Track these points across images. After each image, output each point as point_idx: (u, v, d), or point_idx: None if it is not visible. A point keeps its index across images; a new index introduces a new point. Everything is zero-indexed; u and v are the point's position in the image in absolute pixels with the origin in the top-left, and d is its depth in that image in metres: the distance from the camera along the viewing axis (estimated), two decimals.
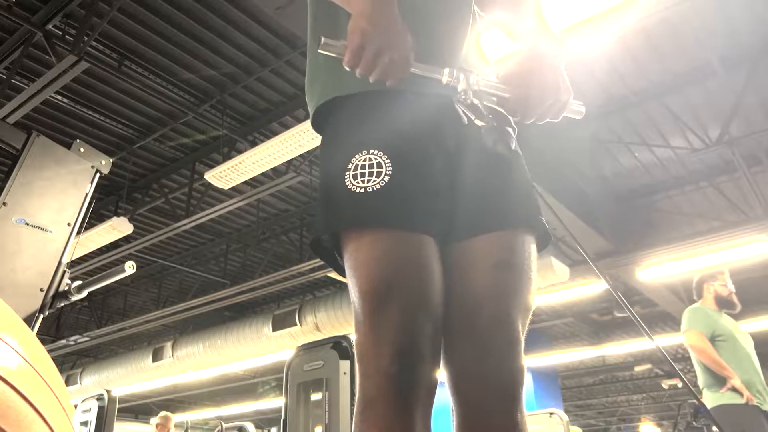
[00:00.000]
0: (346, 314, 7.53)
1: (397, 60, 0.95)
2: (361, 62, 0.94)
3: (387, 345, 0.93)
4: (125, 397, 12.65)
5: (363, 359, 0.96)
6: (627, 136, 5.60)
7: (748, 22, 4.40)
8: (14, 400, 0.49)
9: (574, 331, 10.82)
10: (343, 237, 1.03)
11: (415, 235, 1.00)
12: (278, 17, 3.62)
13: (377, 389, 0.92)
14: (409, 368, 0.92)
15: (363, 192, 1.00)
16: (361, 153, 1.03)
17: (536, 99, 1.01)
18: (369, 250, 0.99)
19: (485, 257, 1.05)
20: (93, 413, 3.88)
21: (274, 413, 13.31)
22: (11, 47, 4.49)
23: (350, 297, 1.01)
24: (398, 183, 1.00)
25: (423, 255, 1.00)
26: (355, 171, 1.02)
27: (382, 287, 0.95)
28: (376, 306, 0.95)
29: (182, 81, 5.06)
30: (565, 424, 4.14)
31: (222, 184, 5.32)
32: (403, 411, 0.91)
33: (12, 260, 2.01)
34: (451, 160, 1.08)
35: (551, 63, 1.03)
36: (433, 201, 1.03)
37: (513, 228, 1.06)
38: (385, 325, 0.94)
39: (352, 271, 1.00)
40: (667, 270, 6.63)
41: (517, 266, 1.04)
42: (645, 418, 15.88)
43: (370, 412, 0.93)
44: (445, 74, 1.01)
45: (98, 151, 2.36)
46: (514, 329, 1.01)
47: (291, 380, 3.33)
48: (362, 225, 1.00)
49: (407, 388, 0.92)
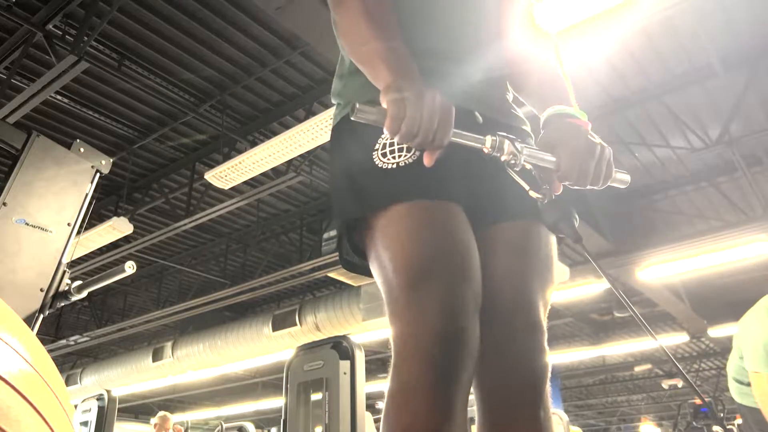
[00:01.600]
0: (346, 314, 7.53)
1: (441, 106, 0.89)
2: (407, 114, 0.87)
3: (429, 324, 0.86)
4: (125, 397, 12.64)
5: (399, 339, 0.89)
6: (627, 136, 5.60)
7: (748, 22, 4.40)
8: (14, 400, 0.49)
9: (574, 331, 10.83)
10: (369, 219, 1.00)
11: (453, 204, 0.98)
12: (278, 17, 3.61)
13: (416, 372, 0.85)
14: (453, 351, 0.86)
15: (395, 167, 0.98)
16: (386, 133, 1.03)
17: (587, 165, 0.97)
18: (403, 224, 0.95)
19: (503, 244, 1.04)
20: (93, 413, 3.88)
21: (274, 413, 13.31)
22: (11, 47, 4.49)
23: (380, 279, 0.96)
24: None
25: (462, 226, 0.97)
26: (383, 150, 1.01)
27: (421, 260, 0.91)
28: (415, 281, 0.90)
29: (182, 81, 5.05)
30: (565, 424, 4.15)
31: (222, 184, 5.32)
32: (443, 397, 0.84)
33: (12, 260, 2.01)
34: (470, 150, 1.07)
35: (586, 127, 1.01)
36: (461, 180, 1.03)
37: (530, 217, 1.06)
38: (426, 302, 0.88)
39: (382, 249, 0.96)
40: (667, 270, 6.63)
41: (533, 253, 1.04)
42: (645, 418, 15.87)
43: (405, 396, 0.86)
44: (487, 143, 0.95)
45: (98, 151, 2.35)
46: (536, 314, 1.00)
47: (291, 380, 3.33)
48: (398, 199, 0.97)
49: (449, 372, 0.85)
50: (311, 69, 4.91)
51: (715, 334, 9.23)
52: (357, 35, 1.06)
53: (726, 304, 8.56)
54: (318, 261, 6.67)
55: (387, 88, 0.91)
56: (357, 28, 1.06)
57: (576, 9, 3.50)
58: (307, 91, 5.13)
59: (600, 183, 1.00)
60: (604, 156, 0.99)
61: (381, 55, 1.00)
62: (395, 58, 0.99)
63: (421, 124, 0.87)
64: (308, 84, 5.07)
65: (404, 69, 0.97)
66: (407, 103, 0.88)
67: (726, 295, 8.60)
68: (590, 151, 0.97)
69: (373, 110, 0.90)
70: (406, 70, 0.97)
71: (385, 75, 0.96)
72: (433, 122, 0.88)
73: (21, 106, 4.41)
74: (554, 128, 1.02)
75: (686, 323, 9.20)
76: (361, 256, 1.06)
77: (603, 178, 0.99)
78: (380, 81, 0.97)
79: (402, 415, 0.85)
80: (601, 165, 0.98)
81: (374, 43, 1.01)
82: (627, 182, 1.06)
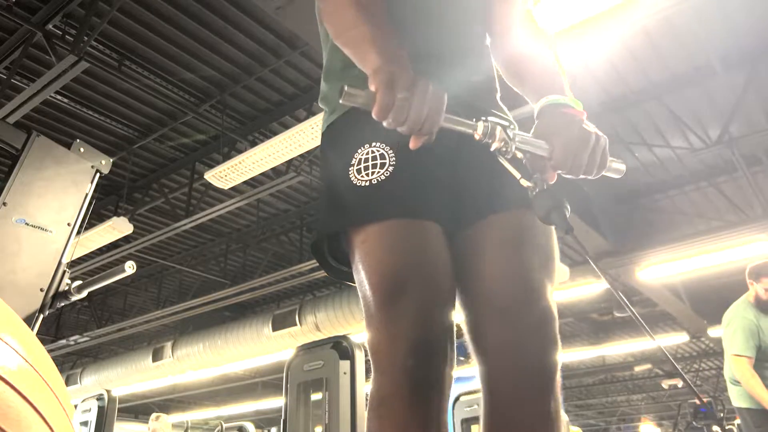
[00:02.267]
0: (346, 314, 7.52)
1: (432, 93, 0.87)
2: (396, 99, 0.85)
3: (401, 339, 0.89)
4: (125, 397, 12.63)
5: (377, 354, 0.93)
6: (627, 136, 5.60)
7: (748, 22, 4.40)
8: (14, 400, 0.49)
9: (574, 331, 10.82)
10: (349, 233, 1.01)
11: (425, 222, 0.98)
12: (278, 17, 3.61)
13: (392, 385, 0.89)
14: (426, 363, 0.89)
15: (368, 185, 0.98)
16: (364, 147, 1.02)
17: (581, 154, 0.96)
18: (378, 242, 0.96)
19: (495, 238, 1.03)
20: (93, 413, 3.88)
21: (274, 413, 13.31)
22: (11, 47, 4.49)
23: (359, 292, 0.98)
24: (403, 172, 0.98)
25: (433, 243, 0.97)
26: (359, 165, 1.01)
27: (394, 279, 0.92)
28: (388, 298, 0.92)
29: (182, 81, 5.05)
30: (565, 424, 4.14)
31: (222, 184, 5.32)
32: (420, 407, 0.88)
33: (12, 260, 2.01)
34: (451, 154, 1.06)
35: (581, 116, 1.00)
36: (438, 191, 1.02)
37: (520, 207, 1.04)
38: (399, 318, 0.90)
39: (360, 264, 0.97)
40: (667, 270, 6.63)
41: (527, 242, 1.03)
42: (645, 418, 15.89)
43: (385, 409, 0.90)
44: (479, 128, 0.93)
45: (98, 151, 2.35)
46: (543, 306, 0.99)
47: (291, 380, 3.33)
48: (370, 218, 0.97)
49: (424, 383, 0.89)
50: (311, 69, 4.90)
51: (715, 334, 9.22)
52: (344, 19, 1.04)
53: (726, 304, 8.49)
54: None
55: (375, 72, 0.88)
56: (344, 12, 1.03)
57: (576, 9, 3.51)
58: (307, 91, 5.13)
59: (594, 172, 0.99)
60: (599, 145, 0.97)
61: (369, 38, 0.97)
62: (384, 42, 0.96)
63: (409, 112, 0.86)
64: (308, 84, 5.07)
65: (394, 53, 0.94)
66: (396, 90, 0.85)
67: (726, 295, 8.55)
68: (584, 139, 0.96)
69: (362, 93, 0.87)
70: (397, 54, 0.94)
71: (374, 58, 0.93)
72: (422, 111, 0.86)
73: (21, 106, 4.41)
74: (548, 117, 1.00)
75: (686, 323, 9.20)
76: (347, 265, 1.06)
77: (597, 167, 0.98)
78: (369, 65, 0.94)
79: (383, 427, 0.89)
80: (595, 154, 0.97)
81: (362, 27, 0.99)
82: (622, 171, 1.05)
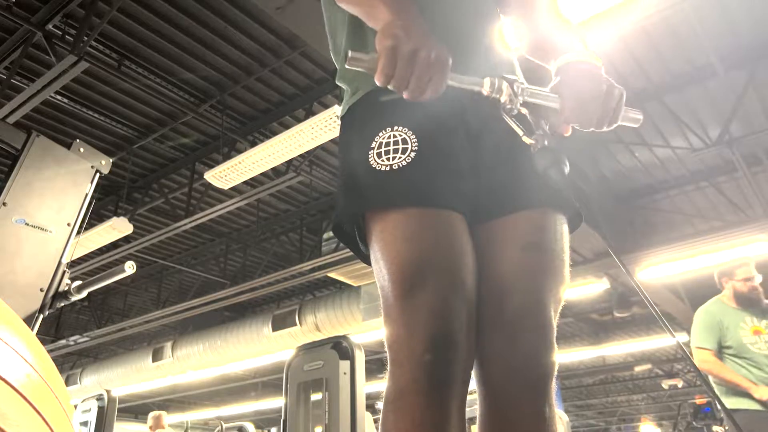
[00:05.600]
0: (345, 314, 7.53)
1: (435, 61, 0.84)
2: (397, 68, 0.83)
3: (420, 331, 0.87)
4: (125, 397, 12.63)
5: (394, 346, 0.90)
6: (627, 136, 5.60)
7: (748, 22, 4.40)
8: (14, 400, 0.49)
9: (573, 331, 10.82)
10: (368, 219, 0.98)
11: (445, 211, 0.95)
12: (278, 17, 3.61)
13: (410, 379, 0.86)
14: (445, 356, 0.86)
15: (389, 170, 0.95)
16: (386, 130, 0.99)
17: (592, 105, 0.94)
18: (397, 230, 0.93)
19: (513, 239, 1.00)
20: (93, 413, 3.87)
21: (274, 413, 13.31)
22: (11, 47, 4.49)
23: (377, 283, 0.96)
24: (425, 158, 0.96)
25: (455, 233, 0.94)
26: (379, 149, 0.98)
27: (413, 269, 0.90)
28: (408, 290, 0.89)
29: (182, 81, 5.05)
30: (565, 424, 4.14)
31: (222, 184, 5.32)
32: (438, 402, 0.86)
33: (12, 260, 2.01)
34: (474, 141, 1.04)
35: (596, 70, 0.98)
36: (459, 179, 0.99)
37: (541, 207, 1.02)
38: (418, 310, 0.88)
39: (379, 253, 0.94)
40: (667, 270, 6.63)
41: (546, 248, 1.00)
42: (645, 418, 15.89)
43: (401, 402, 0.87)
44: (486, 85, 0.92)
45: (98, 151, 2.35)
46: (545, 316, 0.97)
47: (291, 380, 3.33)
48: (389, 204, 0.95)
49: (442, 377, 0.86)
50: (311, 69, 4.91)
51: None
52: None
53: None
54: (318, 261, 6.67)
55: (383, 31, 0.86)
56: None
57: (576, 9, 3.50)
58: (307, 91, 5.13)
59: (607, 123, 0.97)
60: (613, 95, 0.96)
61: None
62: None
63: (410, 79, 0.84)
64: (308, 84, 5.07)
65: (404, 7, 0.91)
66: (399, 55, 0.83)
67: None
68: (594, 90, 0.94)
69: (366, 58, 0.85)
70: (406, 6, 0.91)
71: (384, 14, 0.90)
72: (424, 78, 0.84)
73: (21, 106, 4.41)
74: (562, 74, 0.99)
75: (686, 323, 9.17)
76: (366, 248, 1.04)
77: (611, 118, 0.96)
78: (378, 21, 0.91)
79: (398, 421, 0.86)
80: (606, 105, 0.95)
81: None
82: (639, 120, 1.03)
